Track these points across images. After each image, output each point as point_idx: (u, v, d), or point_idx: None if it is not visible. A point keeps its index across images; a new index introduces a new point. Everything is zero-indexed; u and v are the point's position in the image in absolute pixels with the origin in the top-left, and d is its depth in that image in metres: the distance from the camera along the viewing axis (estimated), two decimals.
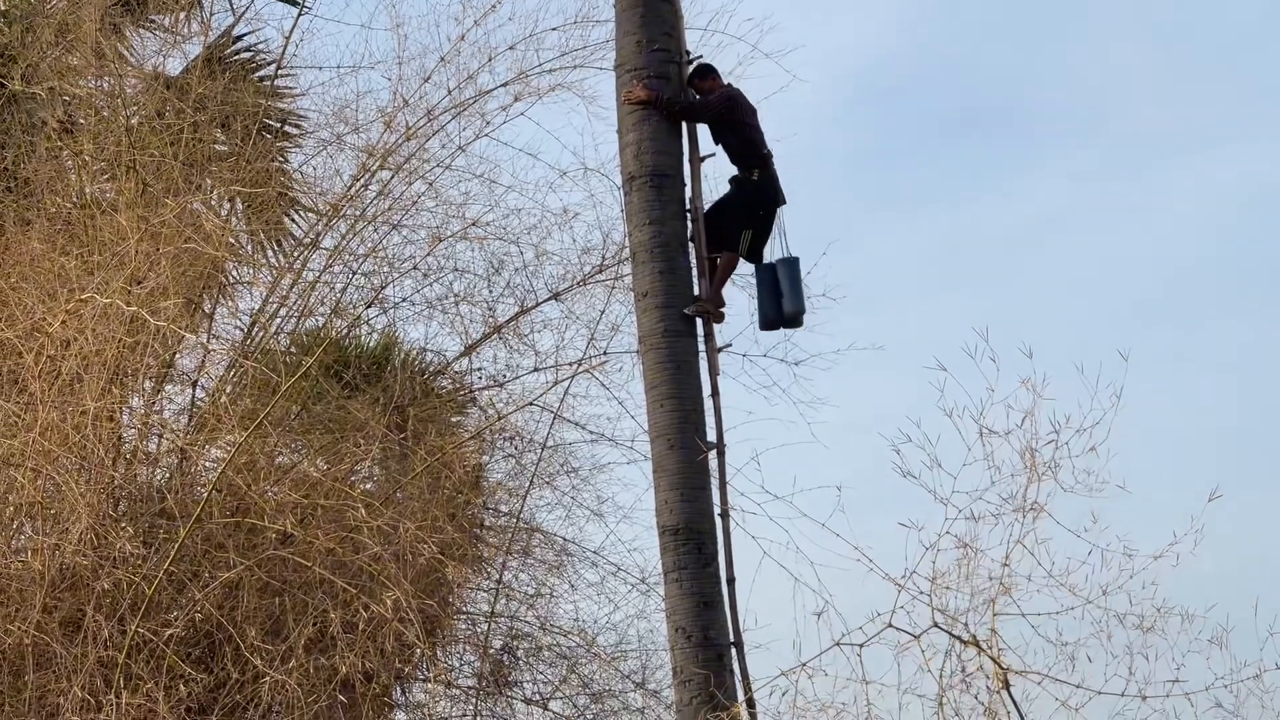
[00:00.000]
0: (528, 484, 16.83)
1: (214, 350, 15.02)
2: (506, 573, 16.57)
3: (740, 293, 13.59)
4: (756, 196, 13.05)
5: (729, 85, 13.31)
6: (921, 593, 10.37)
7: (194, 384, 14.73)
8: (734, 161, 13.10)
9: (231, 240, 15.47)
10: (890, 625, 10.45)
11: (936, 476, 10.29)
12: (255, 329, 15.94)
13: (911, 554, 10.41)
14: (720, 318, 12.88)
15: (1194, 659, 9.90)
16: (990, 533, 10.33)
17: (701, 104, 13.02)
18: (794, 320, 13.14)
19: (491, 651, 16.23)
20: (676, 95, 12.92)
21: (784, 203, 13.14)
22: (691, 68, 13.27)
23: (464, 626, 16.52)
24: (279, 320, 16.20)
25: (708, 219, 13.00)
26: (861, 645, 10.53)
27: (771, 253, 13.21)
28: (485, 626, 16.24)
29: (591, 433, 17.42)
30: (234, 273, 16.25)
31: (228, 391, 14.72)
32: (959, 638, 10.21)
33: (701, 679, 11.67)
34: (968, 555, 10.25)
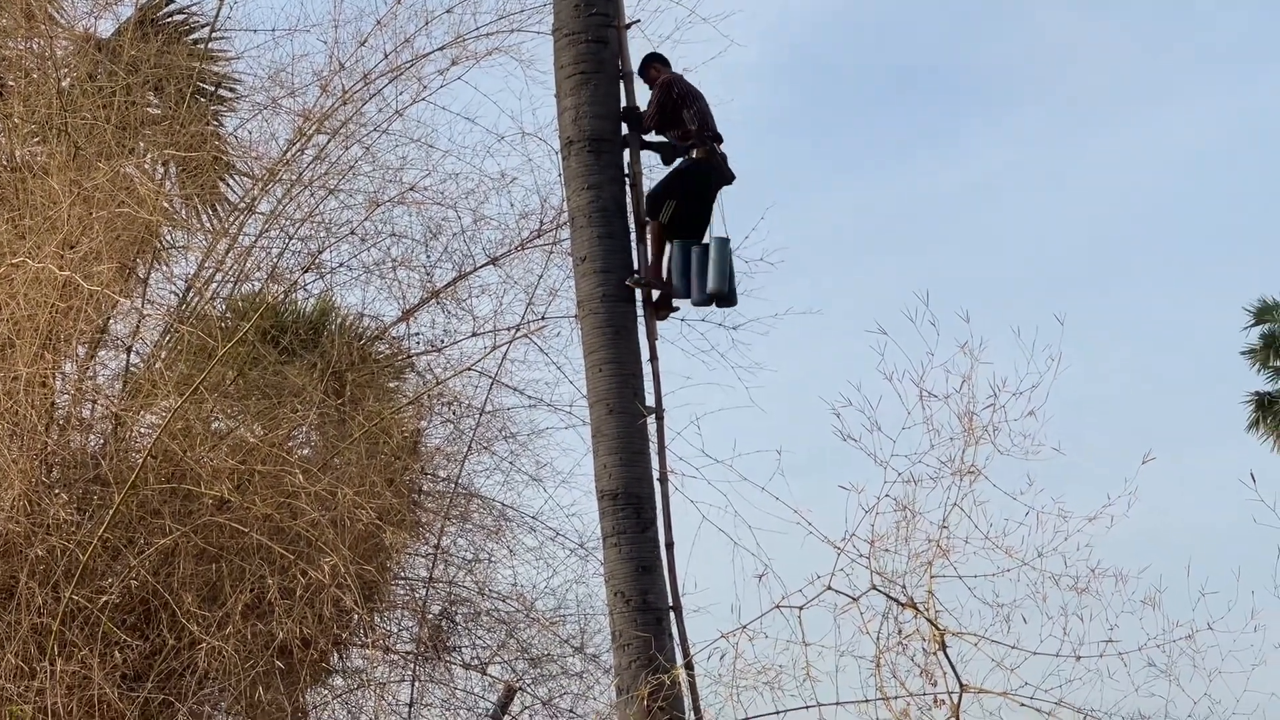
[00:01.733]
0: (466, 449, 16.81)
1: (148, 315, 14.88)
2: (445, 538, 16.54)
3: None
4: (692, 172, 13.00)
5: (669, 73, 13.31)
6: (861, 555, 10.43)
7: (128, 349, 14.60)
8: (684, 136, 13.06)
9: (166, 205, 15.29)
10: (829, 588, 10.49)
11: (876, 440, 10.34)
12: (190, 294, 15.80)
13: (851, 517, 10.47)
14: (664, 293, 12.90)
15: (1127, 619, 10.01)
16: (928, 496, 10.40)
17: (648, 110, 13.06)
18: (725, 299, 13.10)
19: (430, 617, 16.20)
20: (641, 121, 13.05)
21: (730, 181, 13.11)
22: (642, 58, 13.31)
23: (402, 592, 16.51)
24: (215, 285, 16.07)
25: (658, 190, 13.03)
26: (801, 608, 10.57)
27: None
28: (424, 592, 16.22)
29: (530, 398, 17.40)
30: (168, 237, 16.09)
31: (163, 357, 14.60)
32: (897, 600, 10.26)
33: (640, 643, 11.69)
34: (906, 518, 10.30)
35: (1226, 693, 9.84)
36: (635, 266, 12.76)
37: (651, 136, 13.14)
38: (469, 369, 16.70)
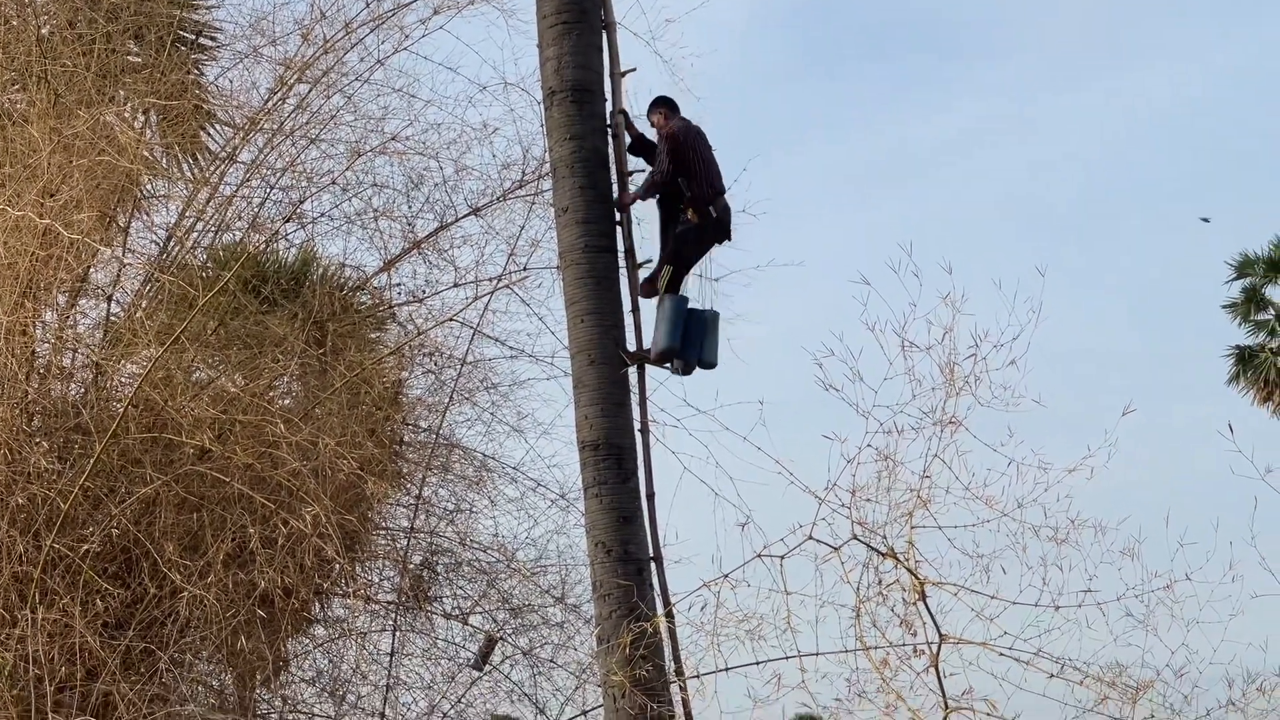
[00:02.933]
0: (447, 400, 16.82)
1: (129, 264, 14.85)
2: (426, 489, 16.56)
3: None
4: (690, 238, 12.74)
5: (682, 120, 13.01)
6: (842, 505, 10.44)
7: (109, 298, 14.58)
8: (690, 200, 12.75)
9: (146, 154, 15.24)
10: (811, 538, 10.52)
11: (858, 390, 10.34)
12: (171, 243, 15.76)
13: (833, 467, 10.48)
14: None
15: (1106, 570, 10.05)
16: (910, 446, 10.41)
17: (658, 169, 12.74)
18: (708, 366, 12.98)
19: (411, 567, 16.23)
20: (649, 187, 12.77)
21: (728, 239, 12.89)
22: (651, 101, 13.13)
23: (383, 542, 16.52)
24: (195, 235, 16.03)
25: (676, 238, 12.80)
26: (782, 557, 10.60)
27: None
28: (405, 542, 16.25)
29: (511, 348, 17.38)
30: (149, 187, 16.03)
31: (144, 306, 14.57)
32: (877, 550, 10.29)
33: (621, 593, 11.71)
34: (888, 468, 10.32)
35: (1204, 643, 9.90)
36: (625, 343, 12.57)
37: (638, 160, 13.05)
38: (450, 319, 16.68)
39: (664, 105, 13.11)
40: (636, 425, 12.45)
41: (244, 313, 14.71)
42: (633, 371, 12.52)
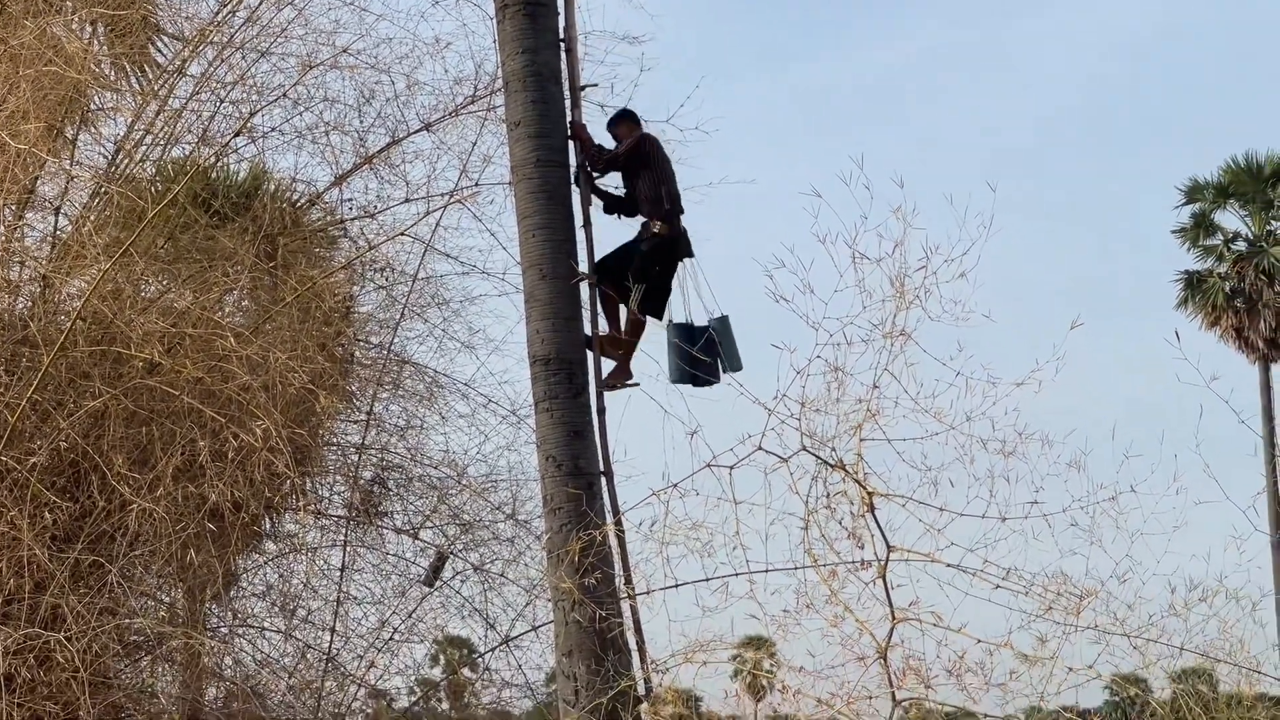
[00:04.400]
0: (398, 316, 16.80)
1: (77, 177, 14.72)
2: (377, 404, 16.56)
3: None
4: (658, 251, 12.62)
5: (645, 132, 13.04)
6: (791, 416, 10.45)
7: (57, 211, 14.44)
8: (643, 210, 12.72)
9: (94, 66, 15.07)
10: (760, 448, 10.53)
11: (809, 302, 10.32)
12: (120, 157, 15.63)
13: (782, 378, 10.48)
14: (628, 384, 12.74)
15: (1053, 482, 10.10)
16: (859, 359, 10.42)
17: (615, 152, 12.77)
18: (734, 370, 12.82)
19: (362, 482, 16.25)
20: (599, 155, 12.74)
21: (690, 255, 12.75)
22: (610, 117, 13.15)
23: (334, 458, 16.53)
24: (144, 149, 15.90)
25: (611, 259, 12.70)
26: (731, 468, 10.63)
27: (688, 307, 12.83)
28: (356, 458, 16.25)
29: (463, 264, 17.39)
30: (97, 99, 15.87)
31: (92, 219, 14.45)
32: (826, 461, 10.32)
33: (571, 507, 11.75)
34: (837, 379, 10.33)
35: (1148, 554, 10.00)
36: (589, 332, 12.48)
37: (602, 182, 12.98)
38: (402, 234, 16.64)
39: (627, 119, 13.15)
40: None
41: (194, 227, 14.62)
42: (584, 287, 12.52)
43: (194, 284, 14.16)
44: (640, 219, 12.77)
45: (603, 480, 12.15)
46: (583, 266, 12.48)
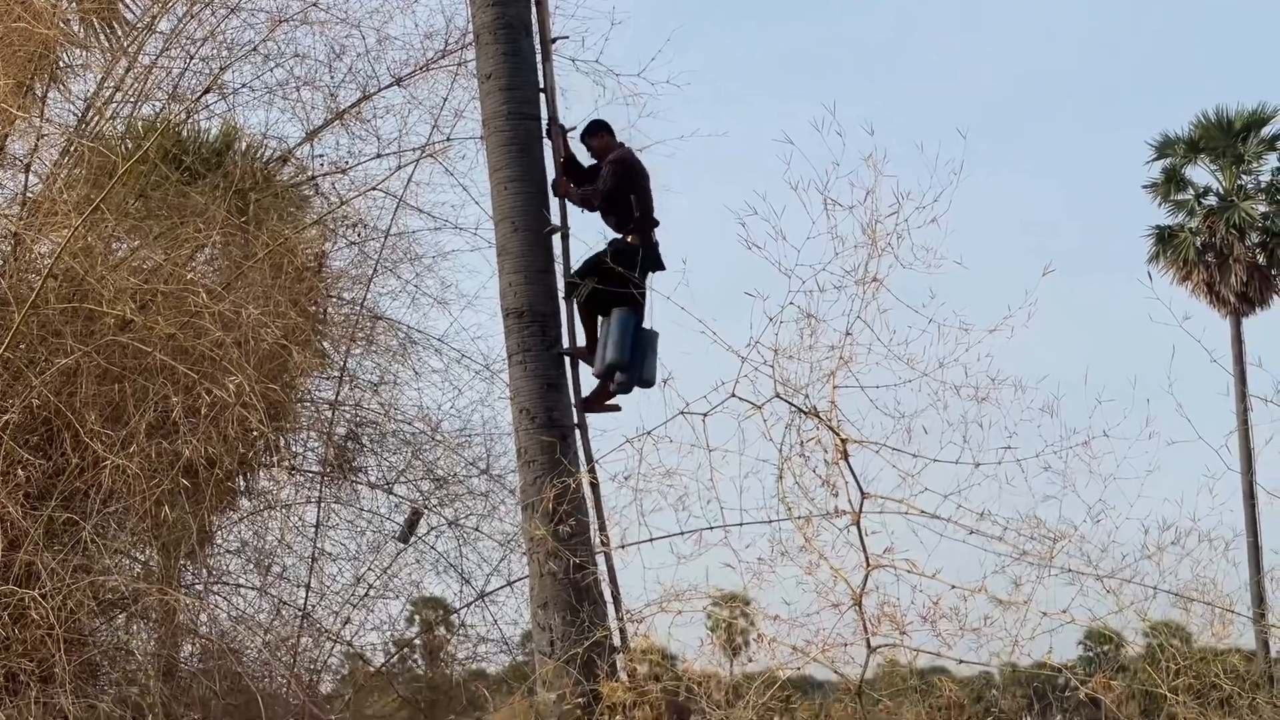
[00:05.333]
0: (371, 272, 16.78)
1: (47, 134, 14.62)
2: (350, 360, 16.54)
3: None
4: (627, 255, 12.47)
5: (622, 147, 12.95)
6: (764, 363, 10.47)
7: (26, 169, 14.36)
8: (616, 226, 12.68)
9: (62, 23, 14.96)
10: (734, 395, 10.57)
11: (781, 248, 10.33)
12: (90, 114, 15.53)
13: (755, 326, 10.50)
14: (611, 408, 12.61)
15: (1026, 428, 10.15)
16: (832, 306, 10.44)
17: (599, 189, 12.63)
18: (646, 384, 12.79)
19: (336, 438, 16.24)
20: (584, 196, 12.67)
21: (662, 268, 12.65)
22: (583, 126, 13.04)
23: (308, 413, 16.51)
24: (114, 106, 15.79)
25: (579, 269, 12.63)
26: (705, 415, 10.66)
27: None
28: (329, 414, 16.23)
29: (435, 219, 17.36)
30: (66, 56, 15.76)
31: (63, 177, 14.37)
32: (800, 408, 10.34)
33: (545, 459, 11.77)
34: (810, 326, 10.34)
35: (1121, 498, 10.05)
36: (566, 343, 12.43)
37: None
38: (373, 189, 16.61)
39: (603, 129, 13.07)
40: (560, 293, 12.45)
41: (165, 184, 14.55)
42: (557, 240, 12.51)
43: (165, 241, 14.09)
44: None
45: (576, 433, 12.17)
46: (555, 220, 12.49)
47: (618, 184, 12.61)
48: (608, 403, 12.55)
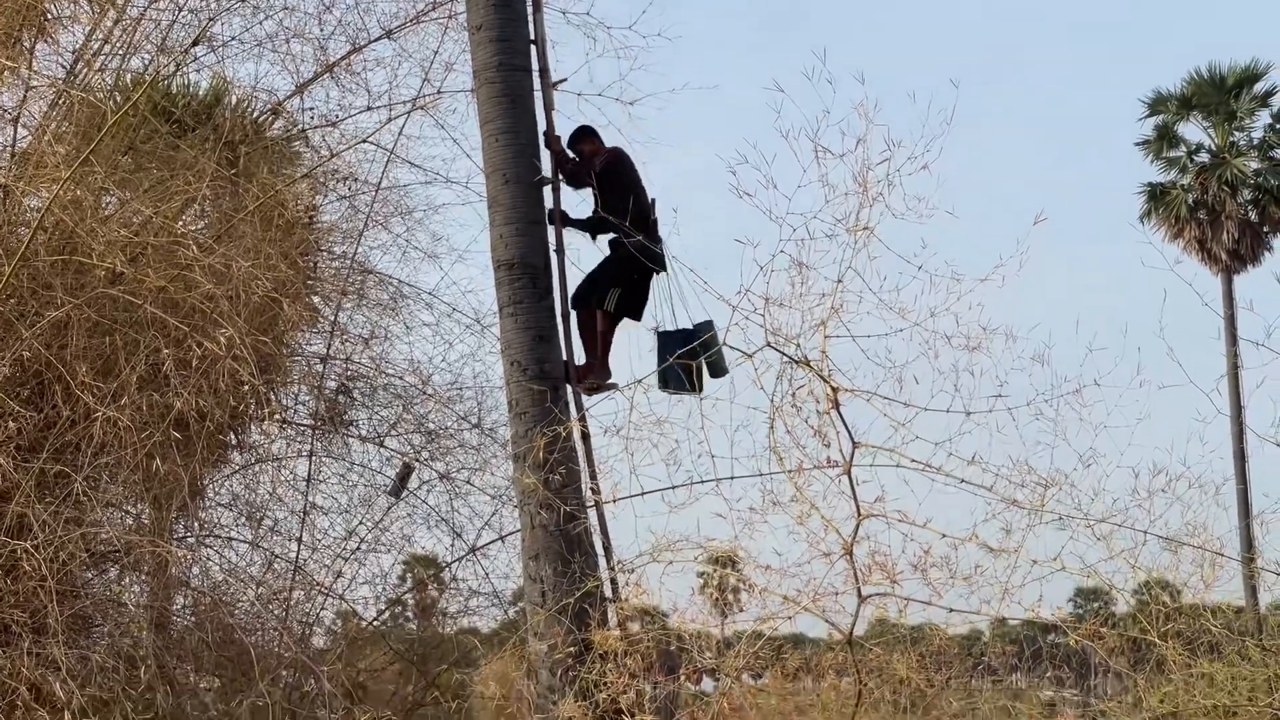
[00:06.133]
0: (362, 226, 16.75)
1: (36, 86, 14.56)
2: (341, 314, 16.52)
3: None
4: (632, 260, 12.48)
5: (614, 147, 12.99)
6: (755, 311, 10.45)
7: (15, 121, 14.30)
8: (613, 226, 12.58)
9: None
10: (725, 344, 10.56)
11: (772, 196, 10.29)
12: (79, 66, 15.46)
13: (746, 274, 10.49)
14: (608, 386, 12.61)
15: (1017, 376, 10.14)
16: (824, 255, 10.42)
17: (591, 164, 12.69)
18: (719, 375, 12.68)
19: (327, 392, 16.23)
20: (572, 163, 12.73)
21: (664, 269, 12.62)
22: (570, 133, 13.03)
23: (299, 367, 16.49)
24: (103, 58, 15.72)
25: (587, 283, 12.66)
26: (696, 362, 10.65)
27: (661, 315, 12.71)
28: (320, 367, 16.22)
29: (426, 173, 17.31)
30: (54, 8, 15.67)
31: (51, 129, 14.32)
32: (791, 357, 10.33)
33: (537, 411, 11.77)
34: (801, 274, 10.32)
35: (1112, 446, 10.06)
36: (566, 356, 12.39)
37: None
38: (364, 142, 16.57)
39: (590, 134, 13.10)
40: (551, 246, 12.44)
41: (154, 137, 14.50)
42: (547, 191, 12.49)
43: (155, 194, 14.04)
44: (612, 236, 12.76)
45: (567, 385, 12.17)
46: (546, 171, 12.48)
47: (612, 168, 12.67)
48: (608, 382, 12.60)
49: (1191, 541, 10.16)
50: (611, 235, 12.74)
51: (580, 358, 12.58)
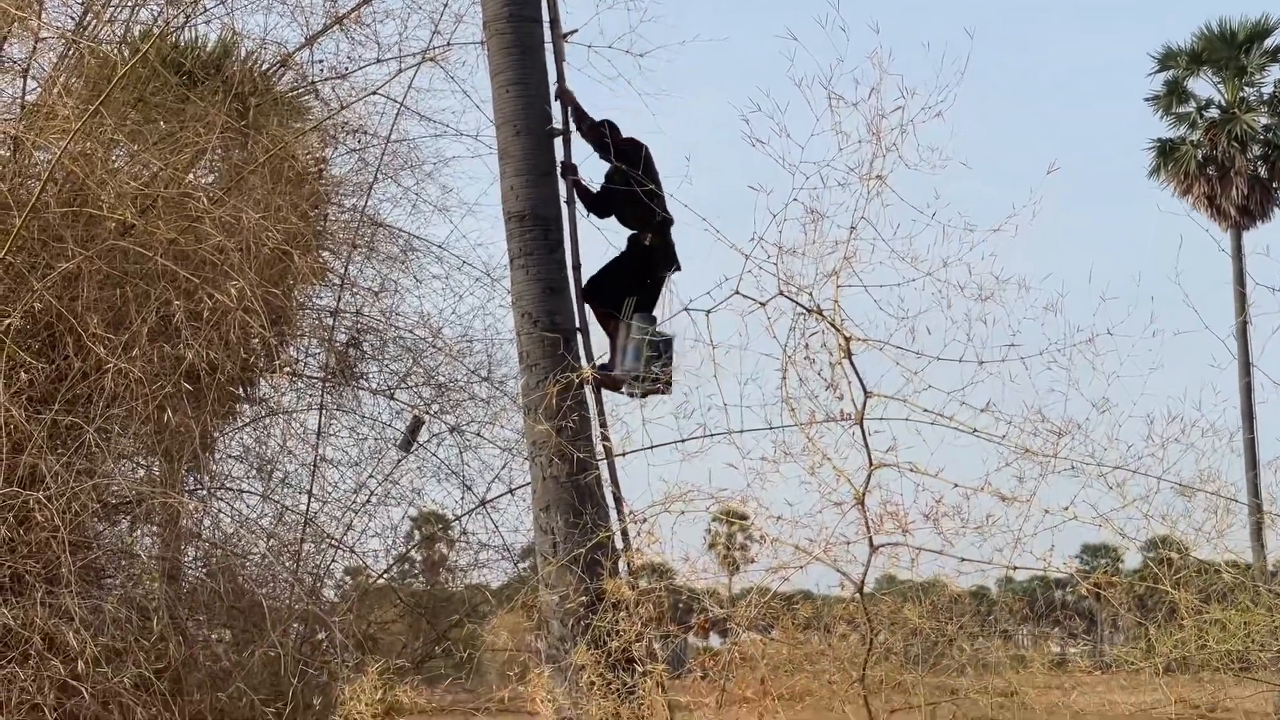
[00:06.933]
0: (372, 179, 16.72)
1: (45, 38, 14.52)
2: (351, 267, 16.51)
3: None
4: (649, 261, 12.46)
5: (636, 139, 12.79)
6: (768, 259, 10.43)
7: (25, 73, 14.27)
8: (631, 223, 12.58)
9: None
10: (737, 292, 10.56)
11: (785, 145, 10.27)
12: (88, 18, 15.41)
13: (759, 222, 10.48)
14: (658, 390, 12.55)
15: (1030, 325, 10.13)
16: (837, 206, 10.40)
17: (608, 134, 12.55)
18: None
19: (337, 345, 16.23)
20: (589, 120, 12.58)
21: (679, 269, 12.55)
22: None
23: (309, 320, 16.49)
24: (112, 9, 15.66)
25: (600, 277, 12.56)
26: (708, 311, 10.66)
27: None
28: (330, 320, 16.22)
29: (436, 124, 17.27)
30: None
31: (61, 81, 14.29)
32: (804, 306, 10.32)
33: (548, 363, 11.76)
34: (814, 222, 10.30)
35: (1124, 395, 10.06)
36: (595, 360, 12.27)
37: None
38: (373, 94, 16.52)
39: (616, 127, 12.85)
40: (562, 197, 12.41)
41: (164, 90, 14.47)
42: (558, 143, 12.46)
43: (165, 146, 14.02)
44: (628, 231, 12.69)
45: (578, 336, 12.16)
46: (556, 123, 12.45)
47: (634, 150, 12.52)
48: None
49: (1205, 488, 10.16)
50: (630, 232, 12.66)
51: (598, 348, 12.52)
